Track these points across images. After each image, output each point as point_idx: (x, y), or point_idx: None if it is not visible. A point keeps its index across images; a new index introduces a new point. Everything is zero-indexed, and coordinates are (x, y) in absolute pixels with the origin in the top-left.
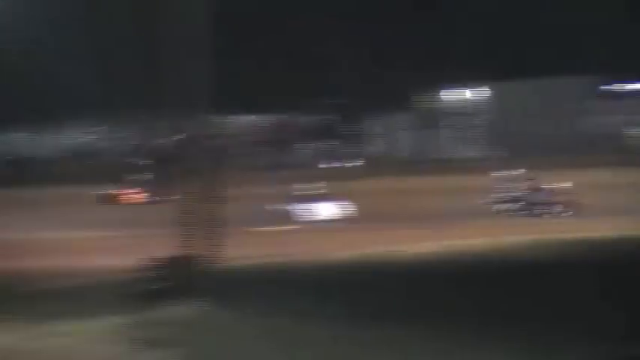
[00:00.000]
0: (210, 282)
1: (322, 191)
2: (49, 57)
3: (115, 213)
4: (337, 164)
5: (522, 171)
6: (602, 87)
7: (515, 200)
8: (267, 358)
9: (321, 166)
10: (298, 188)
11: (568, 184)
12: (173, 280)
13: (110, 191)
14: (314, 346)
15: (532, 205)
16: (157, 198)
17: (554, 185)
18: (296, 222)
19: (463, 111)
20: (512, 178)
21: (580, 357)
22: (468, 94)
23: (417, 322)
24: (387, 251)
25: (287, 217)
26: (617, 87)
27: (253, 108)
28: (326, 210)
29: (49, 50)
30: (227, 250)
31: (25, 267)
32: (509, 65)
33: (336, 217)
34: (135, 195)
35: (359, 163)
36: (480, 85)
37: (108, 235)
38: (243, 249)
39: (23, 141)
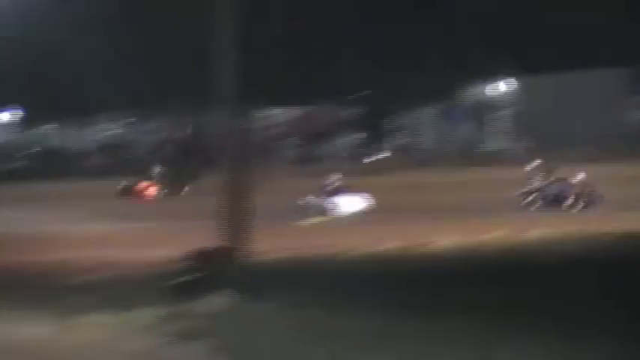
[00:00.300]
0: (245, 274)
1: (354, 184)
2: (80, 50)
3: (147, 206)
4: (369, 157)
5: (556, 164)
6: None
7: (548, 193)
8: (299, 347)
9: (353, 159)
10: (330, 181)
11: (604, 178)
12: (207, 273)
13: (140, 184)
14: (347, 337)
15: (564, 199)
16: (190, 191)
17: (588, 179)
18: (328, 215)
19: (498, 104)
20: (546, 171)
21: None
22: (504, 86)
23: (450, 316)
24: (420, 244)
25: (320, 210)
26: None
27: (286, 100)
28: (358, 203)
29: (81, 44)
30: (260, 243)
31: (58, 259)
32: (544, 58)
33: (369, 210)
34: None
35: (391, 155)
36: (517, 78)
37: (139, 227)
38: (277, 242)
39: (51, 134)
